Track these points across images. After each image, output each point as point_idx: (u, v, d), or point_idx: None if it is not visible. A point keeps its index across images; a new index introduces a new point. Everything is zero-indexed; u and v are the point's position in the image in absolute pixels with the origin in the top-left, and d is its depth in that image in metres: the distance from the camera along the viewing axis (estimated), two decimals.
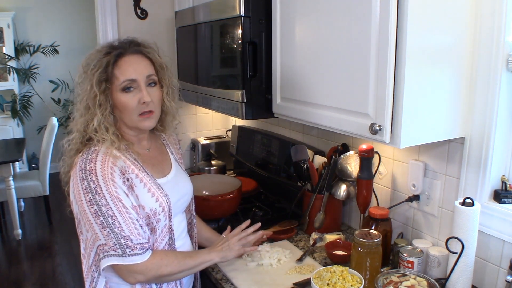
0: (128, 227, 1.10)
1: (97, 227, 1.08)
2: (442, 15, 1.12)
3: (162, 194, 1.20)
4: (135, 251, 1.10)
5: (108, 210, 1.08)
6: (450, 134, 1.25)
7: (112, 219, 1.08)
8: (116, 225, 1.09)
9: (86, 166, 1.10)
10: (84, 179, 1.09)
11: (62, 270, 3.45)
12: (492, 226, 1.24)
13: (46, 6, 5.60)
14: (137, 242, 1.10)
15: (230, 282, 1.36)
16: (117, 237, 1.08)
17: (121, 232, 1.09)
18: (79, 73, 1.18)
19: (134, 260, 1.10)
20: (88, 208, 1.08)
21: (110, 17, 2.31)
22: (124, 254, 1.09)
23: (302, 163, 1.71)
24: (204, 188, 1.89)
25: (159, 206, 1.19)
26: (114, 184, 1.10)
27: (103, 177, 1.09)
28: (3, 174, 3.70)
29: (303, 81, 1.40)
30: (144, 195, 1.17)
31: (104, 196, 1.09)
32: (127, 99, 1.16)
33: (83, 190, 1.09)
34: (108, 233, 1.08)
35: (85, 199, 1.09)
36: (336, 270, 1.23)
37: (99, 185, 1.09)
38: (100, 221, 1.08)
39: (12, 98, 5.34)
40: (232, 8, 1.55)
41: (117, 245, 1.08)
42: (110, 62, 1.14)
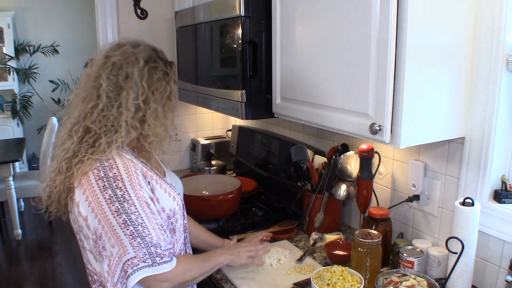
0: (157, 234, 1.06)
1: (126, 238, 1.02)
2: (442, 15, 1.12)
3: (176, 193, 1.21)
4: (164, 258, 1.05)
5: (137, 218, 1.03)
6: (450, 134, 1.25)
7: (142, 227, 1.03)
8: (146, 233, 1.04)
9: (108, 173, 1.04)
10: (108, 187, 1.03)
11: (62, 270, 3.46)
12: (492, 226, 1.24)
13: (46, 6, 5.60)
14: (165, 249, 1.07)
15: (230, 282, 1.36)
16: (147, 246, 1.03)
17: (151, 240, 1.04)
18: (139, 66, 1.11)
19: (164, 269, 1.05)
20: (115, 219, 1.02)
21: (110, 17, 2.31)
22: (155, 263, 1.03)
23: (302, 163, 1.71)
24: (204, 188, 1.89)
25: (176, 205, 1.19)
26: (141, 189, 1.06)
27: (130, 182, 1.04)
28: (3, 174, 3.70)
29: (303, 81, 1.40)
30: (163, 196, 1.15)
31: (133, 203, 1.03)
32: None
33: (106, 201, 1.02)
34: (139, 243, 1.02)
35: (110, 210, 1.02)
36: (336, 270, 1.23)
37: (127, 191, 1.03)
38: (130, 232, 1.02)
39: (12, 98, 5.34)
40: (232, 8, 1.55)
41: (147, 255, 1.03)
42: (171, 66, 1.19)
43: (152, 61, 1.12)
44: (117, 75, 1.09)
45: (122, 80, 1.09)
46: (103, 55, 1.14)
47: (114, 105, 1.09)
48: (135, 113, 1.09)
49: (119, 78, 1.09)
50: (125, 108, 1.08)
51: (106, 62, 1.11)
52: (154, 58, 1.14)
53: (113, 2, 2.30)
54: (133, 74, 1.09)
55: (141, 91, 1.09)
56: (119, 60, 1.10)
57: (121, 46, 1.14)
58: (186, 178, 1.93)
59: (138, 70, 1.10)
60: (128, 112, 1.08)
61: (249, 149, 2.26)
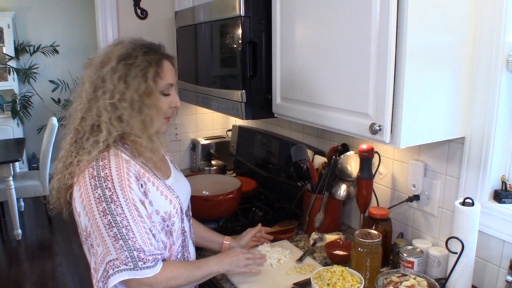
0: (142, 238, 1.05)
1: (109, 240, 1.03)
2: (442, 15, 1.12)
3: (174, 196, 1.19)
4: (147, 263, 1.05)
5: (123, 220, 1.03)
6: (450, 134, 1.25)
7: (126, 229, 1.03)
8: (130, 235, 1.04)
9: (99, 173, 1.05)
10: (98, 187, 1.04)
11: (62, 270, 3.46)
12: (492, 226, 1.24)
13: (46, 6, 5.60)
14: (150, 254, 1.06)
15: (230, 282, 1.36)
16: (130, 249, 1.03)
17: (135, 243, 1.04)
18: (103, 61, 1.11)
19: (146, 274, 1.05)
20: (101, 220, 1.03)
21: (110, 17, 2.31)
22: (136, 267, 1.04)
23: (302, 163, 1.71)
24: (204, 188, 1.89)
25: (173, 208, 1.18)
26: (131, 191, 1.06)
27: (120, 183, 1.05)
28: (3, 174, 3.70)
29: (303, 81, 1.40)
30: (158, 198, 1.15)
31: (120, 204, 1.04)
32: (162, 102, 1.16)
33: (95, 200, 1.03)
34: (121, 246, 1.03)
35: (98, 209, 1.03)
36: (336, 270, 1.23)
37: (116, 192, 1.04)
38: (113, 233, 1.03)
39: (12, 98, 5.34)
40: (232, 8, 1.55)
41: (129, 258, 1.03)
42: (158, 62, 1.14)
43: (129, 58, 1.11)
44: (96, 76, 1.11)
45: (99, 81, 1.10)
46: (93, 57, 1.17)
47: (93, 106, 1.10)
48: (113, 112, 1.09)
49: (97, 78, 1.11)
50: (103, 108, 1.09)
51: (91, 64, 1.14)
52: (135, 54, 1.11)
53: (113, 2, 2.30)
54: (107, 73, 1.09)
55: (116, 89, 1.08)
56: (98, 61, 1.13)
57: (108, 46, 1.17)
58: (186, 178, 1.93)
59: (111, 68, 1.09)
60: (106, 112, 1.09)
61: (249, 149, 2.26)
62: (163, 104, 1.16)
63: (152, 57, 1.13)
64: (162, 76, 1.14)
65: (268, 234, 1.59)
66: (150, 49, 1.16)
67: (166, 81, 1.15)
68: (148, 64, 1.11)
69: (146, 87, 1.10)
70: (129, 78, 1.09)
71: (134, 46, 1.14)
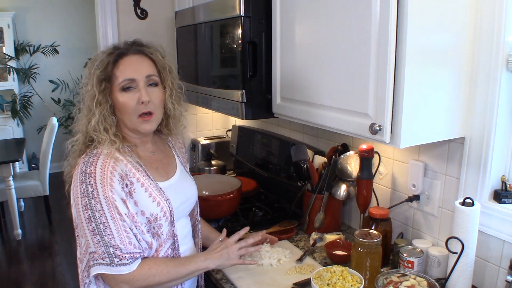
0: (119, 236, 1.08)
1: (89, 233, 1.07)
2: (442, 15, 1.12)
3: (163, 199, 1.18)
4: (123, 261, 1.07)
5: (101, 216, 1.07)
6: (450, 134, 1.25)
7: (104, 225, 1.07)
8: (107, 232, 1.07)
9: (86, 169, 1.09)
10: (83, 182, 1.08)
11: (62, 270, 3.46)
12: (492, 226, 1.24)
13: (46, 6, 5.60)
14: (127, 252, 1.08)
15: (230, 282, 1.36)
16: (106, 245, 1.07)
17: (111, 240, 1.07)
18: (85, 74, 1.18)
19: (121, 271, 1.08)
20: (83, 213, 1.07)
21: (110, 17, 2.32)
22: (112, 263, 1.07)
23: (302, 163, 1.71)
24: (204, 188, 1.89)
25: (160, 211, 1.16)
26: (111, 190, 1.09)
27: (102, 181, 1.08)
28: (3, 174, 3.70)
29: (303, 81, 1.40)
30: (145, 200, 1.14)
31: (100, 201, 1.07)
32: (126, 98, 1.15)
33: (80, 194, 1.08)
34: (98, 241, 1.06)
35: (81, 203, 1.08)
36: (336, 270, 1.23)
37: (96, 189, 1.07)
38: (92, 228, 1.07)
39: (12, 98, 5.34)
40: (232, 8, 1.55)
41: (106, 254, 1.07)
42: (110, 62, 1.15)
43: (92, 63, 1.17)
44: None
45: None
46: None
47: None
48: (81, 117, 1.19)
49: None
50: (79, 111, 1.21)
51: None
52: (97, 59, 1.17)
53: (113, 2, 2.30)
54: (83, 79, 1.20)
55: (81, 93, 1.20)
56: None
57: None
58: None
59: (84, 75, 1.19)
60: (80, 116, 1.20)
61: (249, 149, 2.26)
62: (126, 100, 1.15)
63: (109, 58, 1.15)
64: (116, 74, 1.15)
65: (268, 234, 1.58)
66: (116, 49, 1.18)
67: (122, 77, 1.15)
68: (99, 67, 1.14)
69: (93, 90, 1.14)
70: (85, 82, 1.17)
71: (103, 51, 1.19)
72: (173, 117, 1.29)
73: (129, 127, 1.20)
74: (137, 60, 1.17)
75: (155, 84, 1.19)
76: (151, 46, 1.22)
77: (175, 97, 1.26)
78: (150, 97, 1.16)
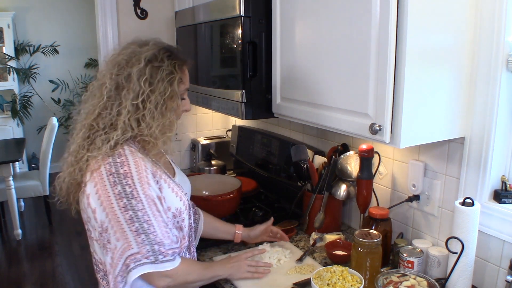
0: (162, 232, 1.08)
1: (131, 234, 1.05)
2: (442, 15, 1.12)
3: (183, 193, 1.22)
4: (167, 257, 1.08)
5: (144, 215, 1.06)
6: (450, 134, 1.25)
7: (147, 224, 1.06)
8: (151, 230, 1.06)
9: (118, 170, 1.06)
10: (117, 183, 1.05)
11: (62, 270, 3.46)
12: (492, 226, 1.24)
13: (46, 6, 5.59)
14: (169, 248, 1.09)
15: (230, 282, 1.36)
16: (151, 243, 1.05)
17: (156, 237, 1.06)
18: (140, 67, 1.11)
19: (165, 267, 1.08)
20: (122, 215, 1.04)
21: (110, 17, 2.32)
22: (157, 261, 1.06)
23: (302, 163, 1.71)
24: (204, 188, 1.89)
25: (182, 205, 1.21)
26: (149, 188, 1.09)
27: (139, 180, 1.07)
28: (3, 174, 3.70)
29: (303, 81, 1.40)
30: (170, 195, 1.17)
31: (140, 200, 1.06)
32: (181, 106, 1.21)
33: (115, 196, 1.05)
34: (143, 240, 1.05)
35: (118, 205, 1.05)
36: (336, 270, 1.23)
37: (136, 188, 1.06)
38: (135, 228, 1.05)
39: (12, 98, 5.34)
40: (232, 8, 1.55)
41: (151, 252, 1.05)
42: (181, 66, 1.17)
43: (156, 60, 1.13)
44: (119, 75, 1.12)
45: (123, 80, 1.11)
46: (114, 54, 1.18)
47: (114, 104, 1.12)
48: (134, 113, 1.11)
49: (121, 77, 1.12)
50: (123, 107, 1.10)
51: (113, 61, 1.15)
52: (161, 58, 1.13)
53: (113, 2, 2.30)
54: (133, 74, 1.10)
55: (141, 91, 1.10)
56: (124, 60, 1.13)
57: (131, 45, 1.18)
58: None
59: (139, 70, 1.11)
60: (127, 112, 1.10)
61: (249, 149, 2.26)
62: (180, 108, 1.21)
63: (176, 62, 1.16)
64: (184, 81, 1.19)
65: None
66: (172, 53, 1.18)
67: (185, 86, 1.20)
68: (173, 69, 1.14)
69: (171, 91, 1.13)
70: (155, 81, 1.11)
71: (159, 48, 1.16)
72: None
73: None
74: (187, 71, 1.23)
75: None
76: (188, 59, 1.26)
77: None
78: None
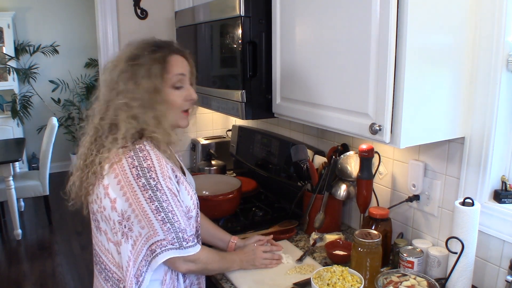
0: (183, 221, 1.16)
1: (157, 223, 1.11)
2: (442, 15, 1.12)
3: (193, 192, 1.26)
4: (189, 243, 1.16)
5: (168, 206, 1.12)
6: (450, 134, 1.25)
7: (172, 214, 1.13)
8: (176, 219, 1.13)
9: (142, 164, 1.11)
10: (142, 176, 1.10)
11: (62, 270, 3.46)
12: (492, 226, 1.24)
13: (46, 6, 5.59)
14: (190, 234, 1.17)
15: (230, 282, 1.36)
16: (176, 231, 1.13)
17: (180, 226, 1.14)
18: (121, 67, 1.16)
19: (189, 252, 1.16)
20: (148, 205, 1.11)
21: (110, 17, 2.32)
22: (181, 246, 1.15)
23: (302, 163, 1.71)
24: (204, 188, 1.89)
25: (192, 204, 1.24)
26: (170, 182, 1.15)
27: (162, 174, 1.13)
28: (3, 174, 3.70)
29: (303, 81, 1.40)
30: (183, 191, 1.21)
31: (164, 192, 1.12)
32: (175, 96, 1.20)
33: (140, 188, 1.10)
34: (168, 228, 1.12)
35: (144, 196, 1.10)
36: (336, 270, 1.23)
37: (159, 182, 1.12)
38: (161, 217, 1.11)
39: (12, 98, 5.33)
40: (232, 8, 1.55)
41: (175, 239, 1.13)
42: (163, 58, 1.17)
43: (136, 58, 1.16)
44: (110, 78, 1.18)
45: (112, 82, 1.17)
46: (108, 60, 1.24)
47: (110, 106, 1.17)
48: (128, 111, 1.14)
49: (110, 81, 1.17)
50: (118, 108, 1.15)
51: (105, 68, 1.22)
52: (140, 54, 1.16)
53: (113, 2, 2.30)
54: (118, 75, 1.16)
55: (127, 90, 1.14)
56: (111, 64, 1.20)
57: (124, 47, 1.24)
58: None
59: (120, 70, 1.16)
60: (121, 111, 1.14)
61: (249, 149, 2.26)
62: (176, 97, 1.20)
63: (158, 54, 1.17)
64: (169, 70, 1.18)
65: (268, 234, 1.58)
66: (158, 46, 1.20)
67: (174, 72, 1.18)
68: (153, 62, 1.16)
69: (153, 85, 1.15)
70: (137, 78, 1.15)
71: (142, 46, 1.19)
72: None
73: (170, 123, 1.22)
74: (182, 59, 1.23)
75: (192, 84, 1.26)
76: (185, 50, 1.27)
77: None
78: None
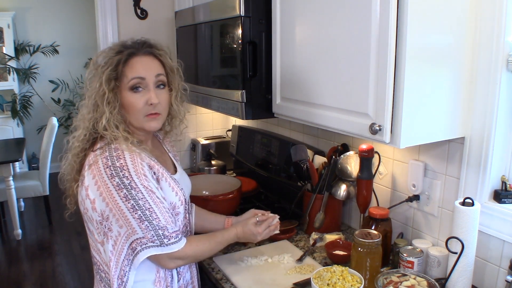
0: (164, 217, 1.13)
1: (135, 221, 1.10)
2: (442, 15, 1.12)
3: (179, 188, 1.24)
4: (171, 240, 1.14)
5: (145, 203, 1.11)
6: (450, 134, 1.25)
7: (149, 211, 1.11)
8: (154, 217, 1.11)
9: (115, 163, 1.10)
10: (115, 175, 1.09)
11: (62, 270, 3.46)
12: (492, 226, 1.24)
13: (46, 6, 5.60)
14: (172, 231, 1.15)
15: (230, 282, 1.36)
16: (155, 228, 1.11)
17: (159, 223, 1.12)
18: (89, 69, 1.19)
19: (172, 249, 1.14)
20: (124, 204, 1.09)
21: (110, 17, 2.32)
22: (162, 244, 1.12)
23: (302, 163, 1.71)
24: (204, 188, 1.89)
25: (178, 200, 1.23)
26: (146, 179, 1.13)
27: (136, 172, 1.11)
28: (3, 174, 3.70)
29: (303, 81, 1.40)
30: (166, 188, 1.20)
31: (140, 190, 1.10)
32: (134, 99, 1.16)
33: (114, 187, 1.09)
34: (146, 226, 1.11)
35: (119, 195, 1.09)
36: (336, 270, 1.23)
37: (133, 180, 1.10)
38: (138, 215, 1.10)
39: (12, 98, 5.33)
40: (232, 8, 1.55)
41: (155, 237, 1.12)
42: (121, 61, 1.15)
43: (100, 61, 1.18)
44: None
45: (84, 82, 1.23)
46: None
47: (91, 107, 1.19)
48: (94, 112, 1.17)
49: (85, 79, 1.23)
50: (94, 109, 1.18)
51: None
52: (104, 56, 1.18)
53: (113, 2, 2.30)
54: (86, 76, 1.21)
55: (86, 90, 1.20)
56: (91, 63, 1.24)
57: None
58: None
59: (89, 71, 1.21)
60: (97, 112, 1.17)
61: (249, 149, 2.26)
62: (135, 100, 1.17)
63: (119, 57, 1.16)
64: (126, 73, 1.16)
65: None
66: (126, 47, 1.18)
67: (132, 76, 1.16)
68: (110, 65, 1.15)
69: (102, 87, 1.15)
70: (94, 80, 1.17)
71: (112, 47, 1.19)
72: (176, 117, 1.33)
73: (135, 126, 1.21)
74: (147, 61, 1.19)
75: (163, 85, 1.21)
76: (160, 48, 1.23)
77: (179, 99, 1.30)
78: (159, 99, 1.18)
